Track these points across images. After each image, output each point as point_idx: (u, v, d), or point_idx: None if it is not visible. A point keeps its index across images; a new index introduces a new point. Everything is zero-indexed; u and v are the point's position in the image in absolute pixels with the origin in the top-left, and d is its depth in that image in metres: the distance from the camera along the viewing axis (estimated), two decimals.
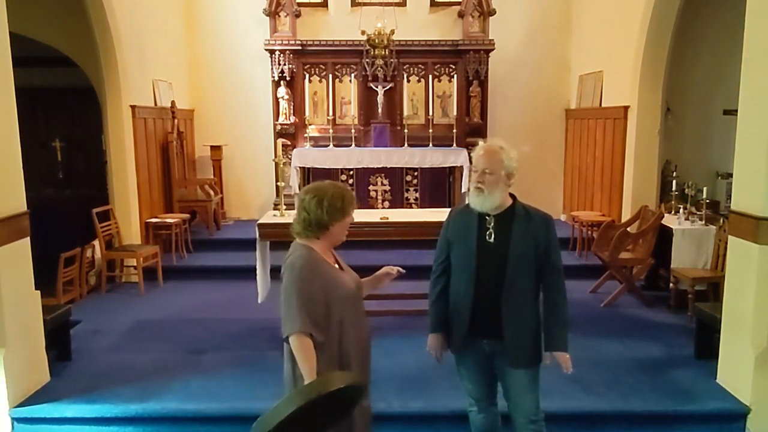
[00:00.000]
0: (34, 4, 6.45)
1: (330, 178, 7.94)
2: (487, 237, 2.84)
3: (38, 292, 4.23)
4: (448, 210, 3.73)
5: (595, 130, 7.97)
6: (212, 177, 8.70)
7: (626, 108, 7.01)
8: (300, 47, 8.45)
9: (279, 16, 8.51)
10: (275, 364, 4.50)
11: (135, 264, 6.50)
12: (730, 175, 5.77)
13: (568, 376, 4.16)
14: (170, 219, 7.28)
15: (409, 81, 8.54)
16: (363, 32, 7.98)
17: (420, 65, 8.69)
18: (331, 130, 8.39)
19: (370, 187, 8.26)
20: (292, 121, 8.56)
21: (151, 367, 4.48)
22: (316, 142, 8.47)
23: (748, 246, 3.86)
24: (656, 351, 4.77)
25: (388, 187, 8.26)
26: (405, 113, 8.45)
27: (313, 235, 2.64)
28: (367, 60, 8.45)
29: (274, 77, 8.52)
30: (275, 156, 8.16)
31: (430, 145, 8.27)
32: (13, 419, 3.87)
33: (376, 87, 8.52)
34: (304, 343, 2.47)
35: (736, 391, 3.96)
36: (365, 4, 8.76)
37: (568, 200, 9.08)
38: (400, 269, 2.92)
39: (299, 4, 8.62)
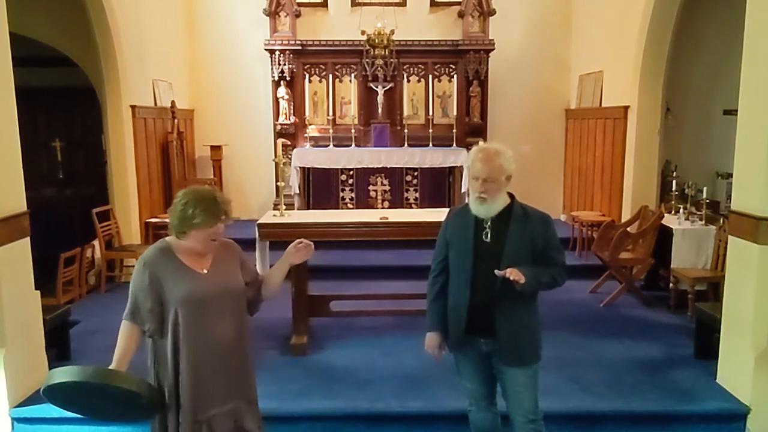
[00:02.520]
0: (34, 4, 6.45)
1: (330, 178, 8.13)
2: (483, 237, 2.85)
3: (38, 292, 4.23)
4: (448, 210, 3.73)
5: (595, 130, 7.97)
6: (212, 177, 8.70)
7: (626, 108, 7.01)
8: (300, 47, 8.45)
9: (279, 16, 8.51)
10: (273, 364, 4.53)
11: (135, 264, 6.49)
12: (730, 175, 5.76)
13: (568, 375, 4.22)
14: None
15: (409, 81, 8.54)
16: (363, 32, 7.99)
17: (420, 65, 8.69)
18: (331, 130, 8.39)
19: (370, 187, 8.26)
20: (292, 121, 8.56)
21: None
22: (316, 142, 8.47)
23: (748, 246, 3.85)
24: (656, 351, 4.77)
25: (387, 187, 8.26)
26: (405, 113, 8.45)
27: (175, 235, 2.61)
28: (367, 60, 8.45)
29: (274, 77, 8.52)
30: (275, 156, 8.17)
31: (430, 145, 8.27)
32: (13, 419, 3.87)
33: (376, 87, 8.51)
34: (122, 329, 2.62)
35: (736, 391, 3.95)
36: (365, 4, 8.76)
37: (568, 200, 9.08)
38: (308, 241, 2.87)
39: (299, 4, 8.62)
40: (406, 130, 8.32)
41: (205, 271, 2.63)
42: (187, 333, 2.54)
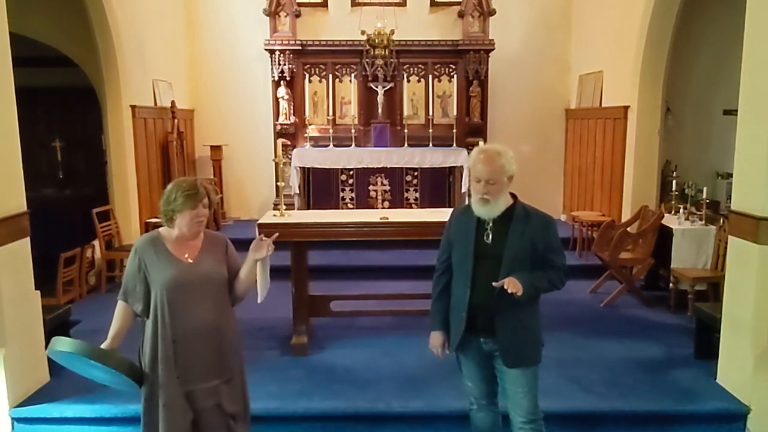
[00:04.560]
0: (34, 4, 6.45)
1: (330, 178, 8.14)
2: (485, 238, 2.85)
3: (38, 292, 4.23)
4: (448, 210, 3.72)
5: (595, 130, 7.97)
6: (212, 177, 8.70)
7: (626, 108, 7.01)
8: (300, 47, 8.45)
9: (279, 16, 8.51)
10: (273, 364, 4.52)
11: None
12: (730, 175, 5.77)
13: (569, 376, 4.22)
14: None
15: (409, 81, 8.54)
16: (363, 32, 7.99)
17: (420, 65, 8.69)
18: (331, 130, 8.39)
19: (370, 187, 8.26)
20: (292, 121, 8.56)
21: None
22: (316, 142, 8.47)
23: (748, 246, 3.85)
24: (656, 351, 4.77)
25: (388, 187, 8.26)
26: (405, 113, 8.45)
27: (166, 223, 2.86)
28: (367, 60, 8.45)
29: (274, 77, 8.52)
30: (275, 156, 8.17)
31: (430, 145, 8.27)
32: (13, 419, 3.87)
33: (376, 87, 8.52)
34: (117, 308, 2.90)
35: (736, 391, 3.96)
36: (365, 4, 8.76)
37: (568, 200, 9.08)
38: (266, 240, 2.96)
39: (299, 4, 8.62)
40: (406, 130, 8.31)
41: (191, 261, 2.85)
42: (167, 315, 2.77)
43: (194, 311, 2.80)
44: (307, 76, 8.52)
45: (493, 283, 2.74)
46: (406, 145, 8.27)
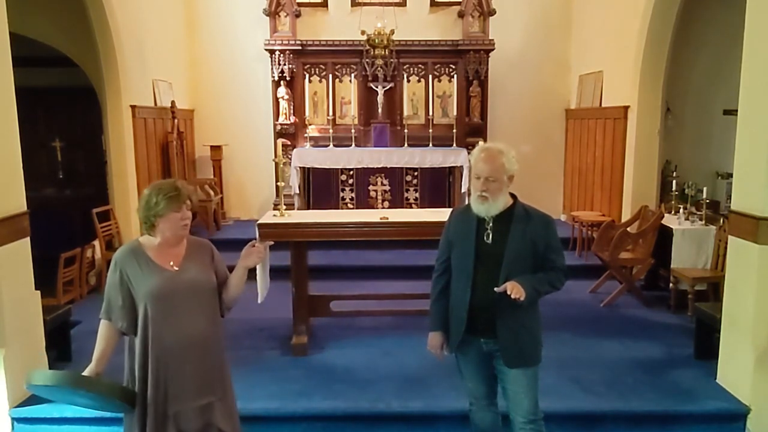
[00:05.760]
0: (34, 4, 6.45)
1: (330, 178, 8.15)
2: (485, 238, 2.85)
3: (38, 292, 4.23)
4: (448, 210, 3.72)
5: (595, 130, 7.97)
6: (212, 177, 8.70)
7: (626, 108, 7.01)
8: (300, 47, 8.45)
9: (279, 16, 8.51)
10: (273, 364, 4.53)
11: None
12: (730, 175, 5.77)
13: (569, 376, 4.22)
14: None
15: (409, 81, 8.53)
16: (363, 32, 7.99)
17: (420, 65, 8.69)
18: (331, 130, 8.39)
19: (370, 187, 8.26)
20: (292, 121, 8.56)
21: None
22: (316, 142, 8.47)
23: (748, 246, 3.86)
24: (656, 351, 4.77)
25: (388, 187, 8.26)
26: (405, 113, 8.45)
27: (147, 230, 2.70)
28: (367, 60, 8.45)
29: (274, 77, 8.52)
30: (275, 156, 8.17)
31: (430, 145, 8.27)
32: (13, 419, 3.87)
33: (376, 87, 8.51)
34: (100, 327, 2.73)
35: (736, 391, 3.96)
36: (365, 4, 8.76)
37: (568, 200, 9.08)
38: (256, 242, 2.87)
39: (299, 4, 8.62)
40: (406, 130, 8.31)
41: (176, 268, 2.70)
42: (156, 328, 2.61)
43: (183, 322, 2.63)
44: (307, 76, 8.52)
45: (496, 289, 2.74)
46: (406, 145, 8.28)
